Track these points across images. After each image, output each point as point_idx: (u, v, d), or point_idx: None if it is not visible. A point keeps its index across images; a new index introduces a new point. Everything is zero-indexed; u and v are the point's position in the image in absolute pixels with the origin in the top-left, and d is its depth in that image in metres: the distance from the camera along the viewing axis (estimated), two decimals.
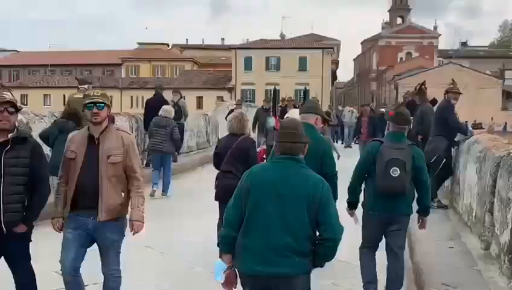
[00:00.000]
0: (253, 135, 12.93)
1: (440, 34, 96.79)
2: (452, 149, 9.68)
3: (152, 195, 11.19)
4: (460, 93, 9.89)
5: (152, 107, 13.37)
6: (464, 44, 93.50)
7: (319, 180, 3.61)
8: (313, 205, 3.48)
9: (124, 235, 4.70)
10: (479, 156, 7.53)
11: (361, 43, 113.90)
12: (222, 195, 6.35)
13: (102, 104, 4.58)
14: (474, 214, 7.50)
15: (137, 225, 4.61)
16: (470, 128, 9.64)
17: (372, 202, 5.40)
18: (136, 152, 4.75)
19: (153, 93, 15.00)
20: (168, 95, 14.97)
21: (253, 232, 3.47)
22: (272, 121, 14.53)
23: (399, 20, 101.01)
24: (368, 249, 5.53)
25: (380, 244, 5.57)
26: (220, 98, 51.64)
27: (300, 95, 59.26)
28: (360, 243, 5.59)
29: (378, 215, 5.38)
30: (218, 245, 3.74)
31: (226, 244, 3.60)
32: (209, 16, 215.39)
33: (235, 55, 62.53)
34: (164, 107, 12.32)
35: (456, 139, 9.76)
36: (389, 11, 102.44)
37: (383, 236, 5.49)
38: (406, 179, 5.24)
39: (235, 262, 3.55)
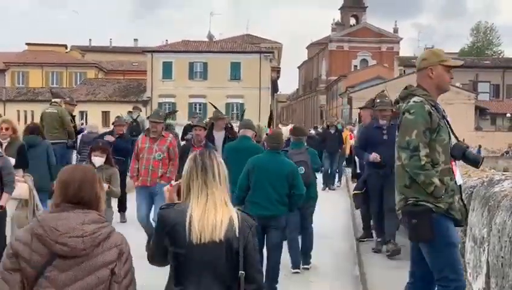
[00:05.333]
0: None
1: (401, 38, 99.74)
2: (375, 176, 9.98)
3: None
4: (388, 109, 9.89)
5: None
6: None
7: (291, 165, 8.04)
8: (289, 177, 7.79)
9: None
10: None
11: (308, 48, 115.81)
12: None
13: None
14: None
15: None
16: (367, 155, 9.94)
17: None
18: None
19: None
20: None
21: (256, 192, 7.68)
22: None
23: (352, 21, 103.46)
24: (295, 233, 9.27)
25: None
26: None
27: (232, 110, 59.68)
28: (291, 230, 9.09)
29: None
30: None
31: (239, 200, 7.61)
32: (119, 12, 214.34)
33: (151, 60, 62.18)
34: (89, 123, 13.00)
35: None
36: (340, 9, 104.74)
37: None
38: (310, 173, 9.27)
39: (246, 210, 5.90)
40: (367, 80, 72.33)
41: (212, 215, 3.48)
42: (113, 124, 14.14)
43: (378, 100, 10.08)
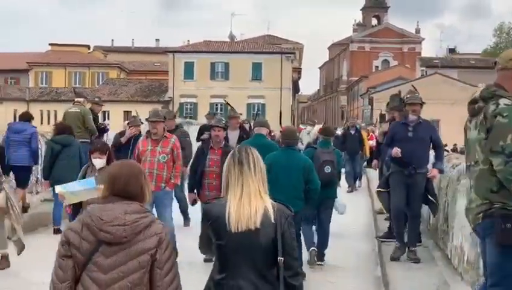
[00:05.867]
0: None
1: (423, 39, 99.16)
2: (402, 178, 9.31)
3: None
4: (417, 104, 9.43)
5: None
6: (452, 51, 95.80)
7: (307, 160, 8.53)
8: (304, 172, 8.21)
9: None
10: None
11: (329, 48, 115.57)
12: None
13: None
14: (466, 258, 7.56)
15: None
16: (389, 151, 9.41)
17: None
18: None
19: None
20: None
21: (274, 189, 6.35)
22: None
23: (374, 21, 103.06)
24: (308, 223, 9.39)
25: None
26: None
27: (253, 110, 59.57)
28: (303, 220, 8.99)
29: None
30: None
31: None
32: (141, 13, 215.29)
33: (172, 61, 62.40)
34: None
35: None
36: (362, 9, 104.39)
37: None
38: (335, 173, 9.62)
39: None
40: (388, 80, 71.91)
41: (247, 205, 3.78)
42: (128, 124, 13.02)
43: (408, 95, 9.72)
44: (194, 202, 9.79)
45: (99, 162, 7.57)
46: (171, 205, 9.86)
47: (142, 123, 13.57)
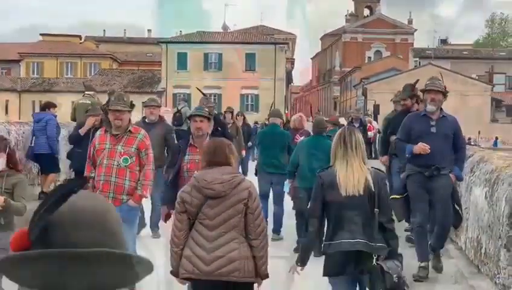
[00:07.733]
0: None
1: (416, 30, 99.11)
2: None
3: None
4: (438, 92, 8.00)
5: None
6: (444, 42, 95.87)
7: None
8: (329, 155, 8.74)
9: None
10: (488, 177, 7.55)
11: (321, 39, 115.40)
12: None
13: None
14: (483, 251, 7.50)
15: None
16: (409, 147, 7.91)
17: None
18: None
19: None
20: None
21: (303, 168, 9.37)
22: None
23: (366, 12, 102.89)
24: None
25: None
26: None
27: (247, 101, 59.53)
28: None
29: None
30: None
31: (291, 174, 9.82)
32: (133, 2, 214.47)
33: (165, 51, 62.10)
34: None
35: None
36: (354, 0, 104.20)
37: None
38: None
39: (296, 182, 9.80)
40: (381, 71, 71.91)
41: (352, 175, 5.08)
42: (86, 112, 11.55)
43: (428, 82, 8.15)
44: (167, 218, 6.77)
45: None
46: (136, 225, 7.63)
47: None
